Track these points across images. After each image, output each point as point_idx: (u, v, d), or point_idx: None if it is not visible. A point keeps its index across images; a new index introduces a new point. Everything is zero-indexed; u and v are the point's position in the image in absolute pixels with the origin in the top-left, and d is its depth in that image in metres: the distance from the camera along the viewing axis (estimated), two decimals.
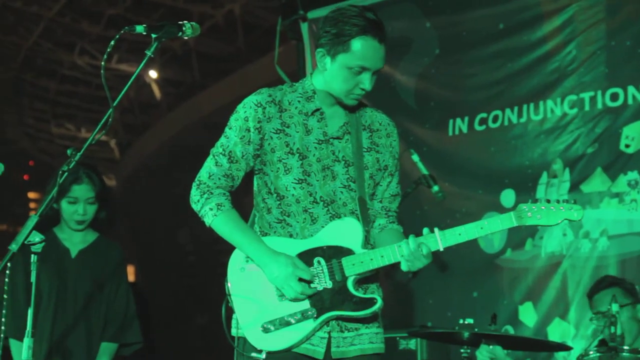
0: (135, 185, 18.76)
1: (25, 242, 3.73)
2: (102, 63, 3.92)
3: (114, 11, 17.18)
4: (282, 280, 3.67)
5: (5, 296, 4.56)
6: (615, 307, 4.66)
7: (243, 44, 18.04)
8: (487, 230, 3.65)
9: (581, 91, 6.25)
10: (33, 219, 3.70)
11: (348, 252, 3.70)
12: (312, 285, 3.70)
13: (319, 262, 3.71)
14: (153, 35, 3.72)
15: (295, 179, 3.77)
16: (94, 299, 5.20)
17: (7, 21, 18.05)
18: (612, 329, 4.73)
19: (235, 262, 3.82)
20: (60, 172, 3.69)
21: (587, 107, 6.22)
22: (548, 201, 3.67)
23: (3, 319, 4.58)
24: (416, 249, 3.62)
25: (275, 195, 3.81)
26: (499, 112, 6.56)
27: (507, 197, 6.44)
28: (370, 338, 3.80)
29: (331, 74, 3.76)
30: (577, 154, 6.23)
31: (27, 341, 3.92)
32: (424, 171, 5.87)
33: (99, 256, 5.27)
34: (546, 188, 6.30)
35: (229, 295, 3.79)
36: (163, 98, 19.10)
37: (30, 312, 3.93)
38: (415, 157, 5.92)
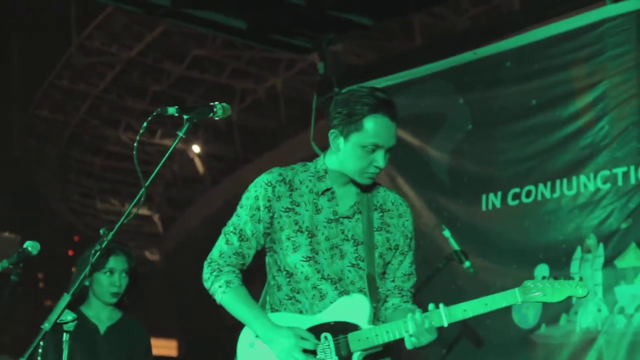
0: (178, 260, 18.87)
1: (58, 320, 3.80)
2: (135, 144, 3.98)
3: (158, 87, 17.51)
4: (286, 352, 3.70)
5: None
6: None
7: (285, 118, 18.24)
8: (492, 306, 3.69)
9: (614, 166, 6.24)
10: (65, 298, 3.78)
11: (354, 327, 3.74)
12: (317, 358, 3.73)
13: (326, 337, 3.75)
14: (185, 117, 3.81)
15: (303, 256, 3.81)
16: None
17: (54, 99, 18.44)
18: None
19: (244, 338, 3.88)
20: (93, 251, 3.77)
21: (620, 182, 6.20)
22: (556, 278, 3.69)
23: None
24: (421, 325, 3.64)
25: (284, 272, 3.87)
26: (532, 187, 6.57)
27: (541, 272, 6.39)
28: None
29: (345, 153, 3.81)
30: (611, 229, 6.19)
31: None
32: (456, 247, 5.90)
33: (127, 333, 5.34)
34: (580, 263, 6.28)
35: None
36: (206, 172, 19.30)
37: None
38: (447, 233, 5.94)
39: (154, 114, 3.78)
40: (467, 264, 5.85)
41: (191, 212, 19.56)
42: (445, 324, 3.68)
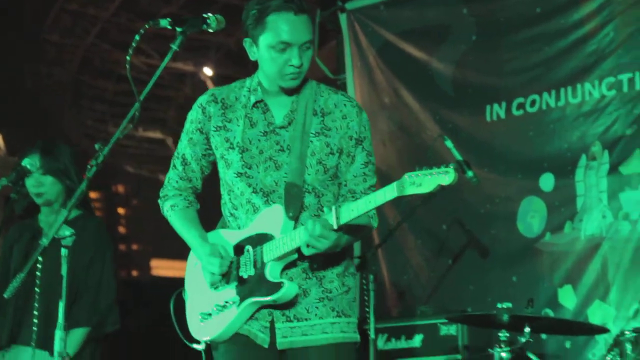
0: None
1: (56, 236, 3.82)
2: (128, 57, 3.92)
3: (168, 10, 17.37)
4: (204, 267, 3.78)
5: (37, 289, 4.60)
6: None
7: None
8: (375, 202, 3.49)
9: (619, 73, 6.21)
10: (63, 213, 3.76)
11: (270, 238, 3.70)
12: (240, 273, 3.75)
13: (248, 250, 3.76)
14: (178, 29, 3.74)
15: (235, 172, 3.79)
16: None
17: (64, 24, 18.36)
18: None
19: (192, 258, 3.95)
20: (89, 166, 3.71)
21: (625, 89, 6.18)
22: (438, 167, 3.38)
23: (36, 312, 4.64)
24: (312, 229, 3.54)
25: (227, 189, 3.88)
26: (536, 97, 6.55)
27: (546, 181, 6.44)
28: (323, 328, 3.75)
29: (261, 59, 3.74)
30: (616, 136, 6.19)
31: (59, 333, 4.02)
32: (458, 157, 5.86)
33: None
34: (585, 171, 6.29)
35: (184, 289, 3.96)
36: None
37: (62, 304, 4.02)
38: (449, 143, 5.92)
39: (146, 26, 3.73)
40: (470, 174, 5.82)
41: None
42: (335, 226, 3.53)
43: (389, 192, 3.45)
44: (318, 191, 3.79)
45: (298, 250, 3.66)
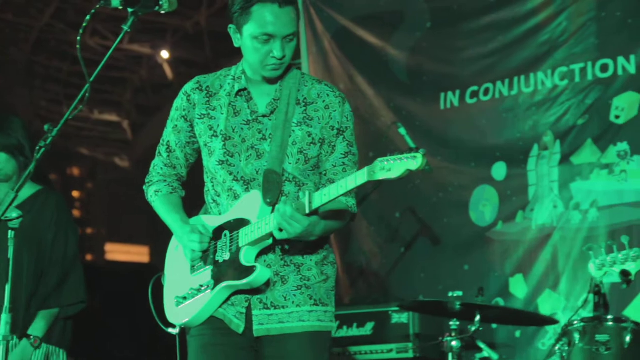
0: (148, 166, 18.75)
1: (3, 218, 3.76)
2: (78, 38, 3.92)
3: None
4: (184, 246, 3.80)
5: None
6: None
7: None
8: (346, 187, 3.45)
9: (572, 63, 6.28)
10: (10, 195, 3.71)
11: (247, 223, 3.70)
12: (216, 257, 3.75)
13: (225, 234, 3.76)
14: (129, 10, 3.72)
15: (216, 160, 3.79)
16: (27, 259, 4.82)
17: (18, 3, 18.13)
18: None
19: (173, 242, 3.96)
20: (38, 147, 3.68)
21: (577, 79, 6.25)
22: (407, 152, 3.39)
23: None
24: (283, 211, 3.53)
25: (210, 177, 3.87)
26: (490, 85, 6.58)
27: (499, 170, 6.48)
28: (300, 316, 3.73)
29: (244, 48, 3.73)
30: (568, 126, 6.25)
31: (5, 317, 3.95)
32: (411, 144, 5.91)
33: (32, 211, 4.87)
34: (537, 160, 6.33)
35: (163, 274, 3.96)
36: (175, 78, 19.10)
37: (8, 287, 3.95)
38: (402, 131, 5.94)
39: (97, 6, 3.72)
40: None
41: (160, 118, 19.42)
42: (307, 211, 3.53)
43: (359, 177, 3.44)
44: (299, 180, 3.79)
45: (273, 236, 3.65)
